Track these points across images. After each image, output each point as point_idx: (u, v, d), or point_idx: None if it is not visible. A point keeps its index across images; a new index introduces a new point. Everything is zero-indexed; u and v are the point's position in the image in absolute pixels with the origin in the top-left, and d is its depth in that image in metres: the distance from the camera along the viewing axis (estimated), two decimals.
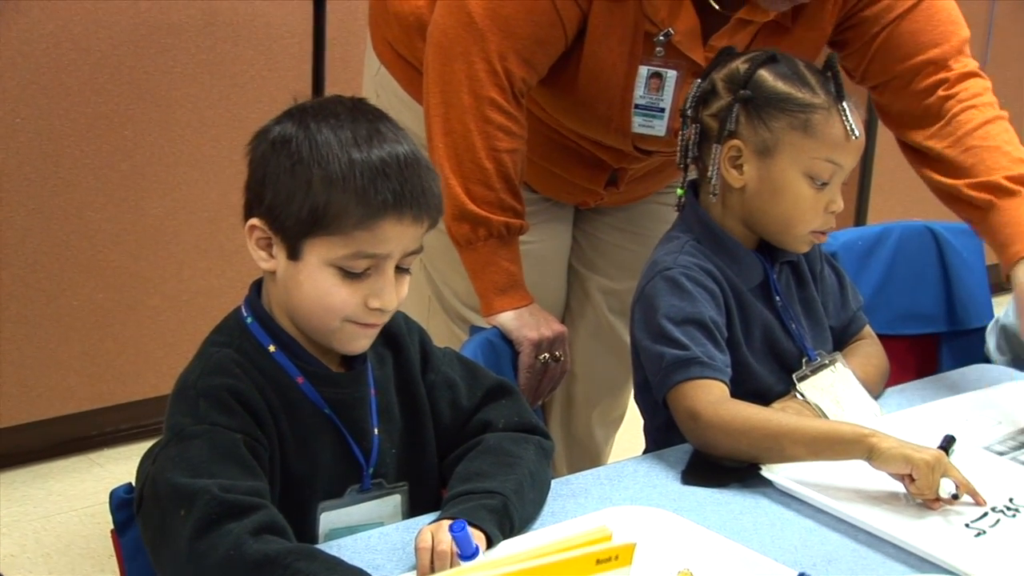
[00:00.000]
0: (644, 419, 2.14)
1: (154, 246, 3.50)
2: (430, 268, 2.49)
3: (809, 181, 2.00)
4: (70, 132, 3.31)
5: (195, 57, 3.44)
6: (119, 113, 3.37)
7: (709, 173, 2.04)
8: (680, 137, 2.09)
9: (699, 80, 2.07)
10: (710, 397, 1.90)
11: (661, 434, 2.05)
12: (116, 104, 3.36)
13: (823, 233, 2.05)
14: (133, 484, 1.65)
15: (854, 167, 2.04)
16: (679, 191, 2.11)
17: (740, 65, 2.03)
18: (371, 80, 2.53)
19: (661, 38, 2.18)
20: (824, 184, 2.00)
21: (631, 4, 2.16)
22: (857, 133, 1.99)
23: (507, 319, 2.19)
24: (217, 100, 3.50)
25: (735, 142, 2.01)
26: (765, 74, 2.01)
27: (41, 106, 3.27)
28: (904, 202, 4.78)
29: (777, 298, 2.09)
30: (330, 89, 3.54)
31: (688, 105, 2.06)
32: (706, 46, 2.20)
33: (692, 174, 2.11)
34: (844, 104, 1.99)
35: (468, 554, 1.54)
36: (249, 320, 1.70)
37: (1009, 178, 2.15)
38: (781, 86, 2.00)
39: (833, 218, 2.04)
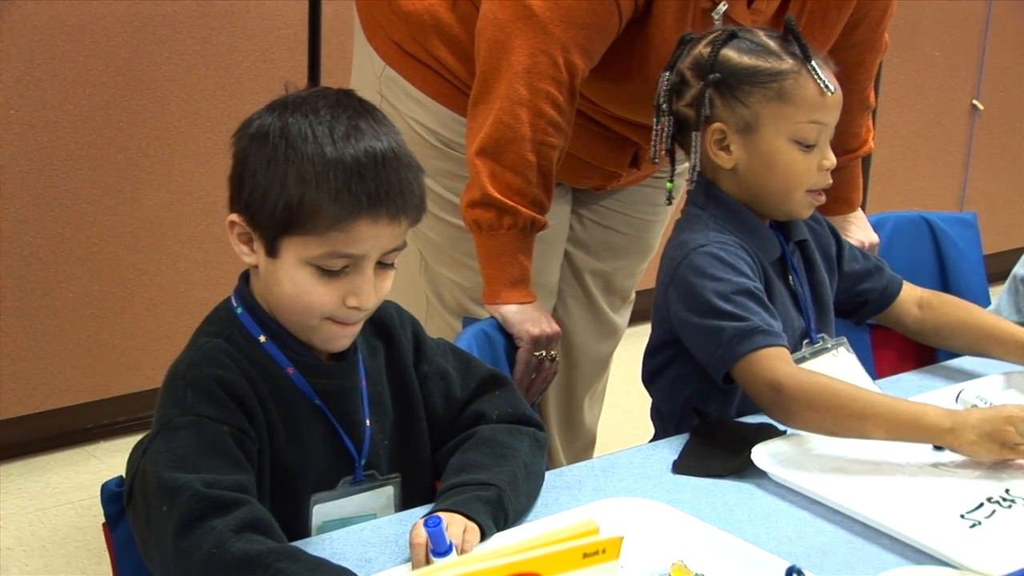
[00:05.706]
0: (657, 402, 2.13)
1: (150, 238, 3.49)
2: (433, 264, 2.46)
3: (797, 146, 2.01)
4: (65, 123, 3.30)
5: (190, 48, 3.43)
6: (114, 104, 3.36)
7: (691, 161, 2.04)
8: (653, 131, 2.09)
9: (666, 72, 2.07)
10: (787, 368, 1.90)
11: (677, 416, 2.05)
12: (111, 95, 3.35)
13: (820, 192, 2.06)
14: (124, 477, 1.64)
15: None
16: (668, 184, 2.11)
17: (703, 50, 2.04)
18: (373, 79, 2.47)
19: (721, 9, 2.18)
20: (811, 145, 2.01)
21: None
22: (832, 88, 2.01)
23: (511, 311, 2.18)
24: (212, 91, 3.48)
25: (716, 125, 2.02)
26: (729, 53, 2.02)
27: (36, 97, 3.26)
28: (903, 191, 4.78)
29: (792, 275, 2.09)
30: (325, 80, 3.53)
31: (662, 100, 2.07)
32: (751, 8, 2.22)
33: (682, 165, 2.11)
34: (813, 63, 2.00)
35: (442, 551, 1.53)
36: (239, 310, 1.70)
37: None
38: (747, 61, 2.01)
39: (828, 175, 2.05)
